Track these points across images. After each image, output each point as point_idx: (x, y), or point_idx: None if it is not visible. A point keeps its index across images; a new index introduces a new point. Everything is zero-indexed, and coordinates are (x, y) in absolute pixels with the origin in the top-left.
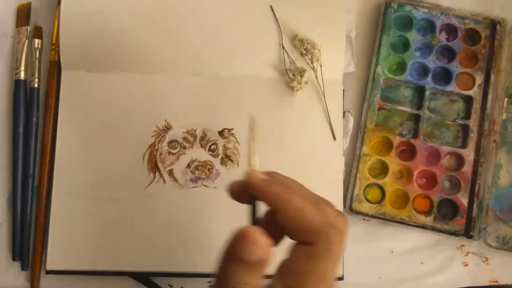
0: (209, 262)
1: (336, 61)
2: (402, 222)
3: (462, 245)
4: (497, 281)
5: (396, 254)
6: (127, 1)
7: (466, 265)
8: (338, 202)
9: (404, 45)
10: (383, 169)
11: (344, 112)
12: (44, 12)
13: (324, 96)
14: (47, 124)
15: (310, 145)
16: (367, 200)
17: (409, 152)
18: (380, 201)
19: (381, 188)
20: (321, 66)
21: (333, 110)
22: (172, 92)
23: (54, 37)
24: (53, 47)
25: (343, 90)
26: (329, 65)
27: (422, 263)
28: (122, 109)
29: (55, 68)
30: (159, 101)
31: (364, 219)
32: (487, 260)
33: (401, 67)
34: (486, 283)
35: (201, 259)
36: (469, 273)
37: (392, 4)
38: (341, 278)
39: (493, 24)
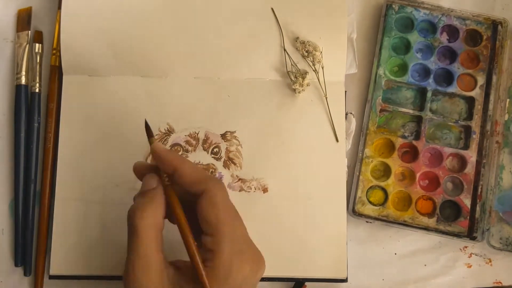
0: None
1: (338, 63)
2: (405, 224)
3: (465, 247)
4: (501, 283)
5: (400, 256)
6: (127, 5)
7: (470, 266)
8: (341, 204)
9: (406, 47)
10: (385, 171)
11: (346, 114)
12: (45, 16)
13: (326, 98)
14: (48, 129)
15: (313, 147)
16: (370, 202)
17: (411, 154)
18: (383, 203)
19: (383, 190)
20: (322, 68)
21: (335, 112)
22: (174, 96)
23: (55, 41)
24: (54, 51)
25: (345, 92)
26: (331, 67)
27: (425, 265)
28: (124, 113)
29: (56, 73)
30: (161, 105)
31: (367, 222)
32: (490, 261)
33: (402, 68)
34: (490, 285)
35: None
36: (472, 274)
37: (393, 6)
38: (344, 280)
39: (495, 25)
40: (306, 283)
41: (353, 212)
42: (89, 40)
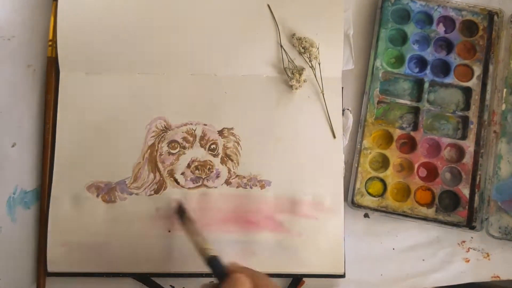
0: None
1: (335, 59)
2: (404, 215)
3: (463, 241)
4: (498, 277)
5: (398, 251)
6: (123, 3)
7: (468, 261)
8: (338, 200)
9: (402, 38)
10: (384, 162)
11: (343, 110)
12: (40, 8)
13: (323, 94)
14: (47, 121)
15: (310, 143)
16: (369, 193)
17: (409, 145)
18: (382, 194)
19: (382, 181)
20: (319, 64)
21: (332, 108)
22: (171, 92)
23: (50, 33)
24: (50, 43)
25: (342, 88)
26: (327, 63)
27: (423, 260)
28: (121, 110)
29: (53, 64)
30: (158, 102)
31: (365, 217)
32: (488, 255)
33: (399, 60)
34: (488, 279)
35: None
36: (470, 269)
37: None
38: (342, 276)
39: (491, 15)
40: (304, 279)
41: (352, 203)
42: (86, 37)
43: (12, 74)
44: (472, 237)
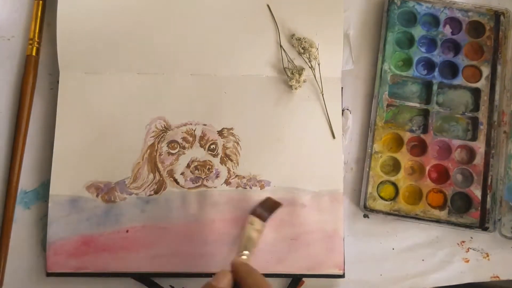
0: (210, 262)
1: (334, 59)
2: (417, 218)
3: (463, 241)
4: (498, 277)
5: (397, 251)
6: (124, 3)
7: (467, 261)
8: (337, 200)
9: (409, 41)
10: (395, 166)
11: (343, 110)
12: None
13: (322, 94)
14: (20, 120)
15: (310, 144)
16: (381, 197)
17: (420, 148)
18: (394, 198)
19: (394, 184)
20: (319, 64)
21: (331, 108)
22: (170, 92)
23: (31, 32)
24: (30, 41)
25: (342, 88)
26: (327, 64)
27: (423, 260)
28: (121, 110)
29: (31, 64)
30: (158, 102)
31: (364, 217)
32: (488, 256)
33: (407, 63)
34: (488, 279)
35: (201, 259)
36: (470, 269)
37: (395, 1)
38: (341, 276)
39: (497, 15)
40: (304, 279)
41: (365, 208)
42: (86, 37)
43: (11, 74)
44: (471, 237)
